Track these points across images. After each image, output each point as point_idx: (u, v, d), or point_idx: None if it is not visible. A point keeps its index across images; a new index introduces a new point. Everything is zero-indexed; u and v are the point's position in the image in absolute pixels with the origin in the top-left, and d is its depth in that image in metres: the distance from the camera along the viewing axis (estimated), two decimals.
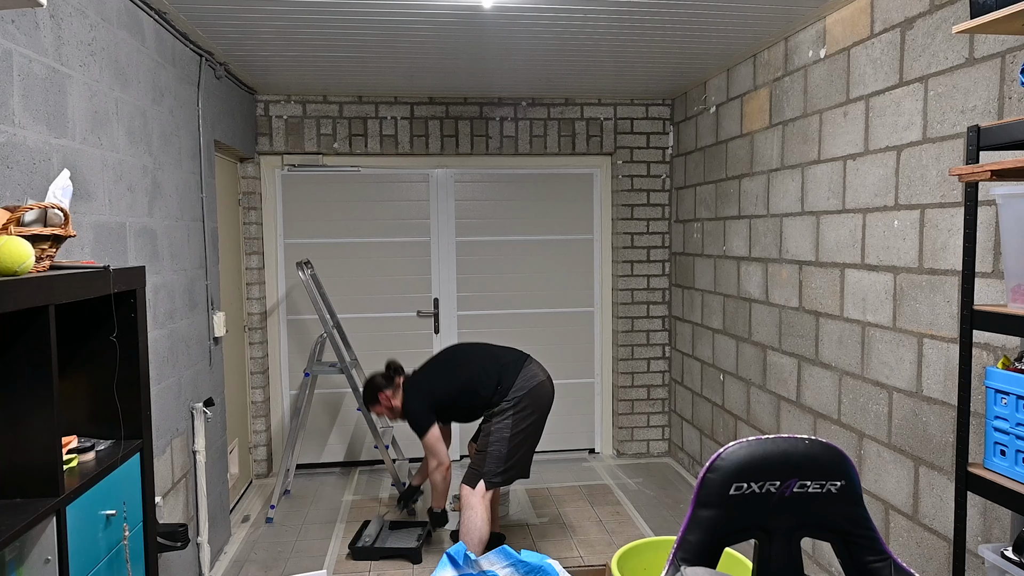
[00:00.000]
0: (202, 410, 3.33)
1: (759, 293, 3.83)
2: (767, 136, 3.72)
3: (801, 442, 1.57)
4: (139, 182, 2.78)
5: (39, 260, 1.60)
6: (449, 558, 1.80)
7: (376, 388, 3.69)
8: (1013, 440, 1.80)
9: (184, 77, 3.34)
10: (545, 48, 3.73)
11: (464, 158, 5.10)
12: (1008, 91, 2.20)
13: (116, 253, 2.55)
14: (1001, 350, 2.25)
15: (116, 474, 1.84)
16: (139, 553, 1.98)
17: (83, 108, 2.32)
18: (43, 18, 2.09)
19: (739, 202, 4.05)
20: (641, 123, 5.15)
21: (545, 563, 1.80)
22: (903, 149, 2.69)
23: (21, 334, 1.52)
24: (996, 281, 2.25)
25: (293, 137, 4.83)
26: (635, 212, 5.15)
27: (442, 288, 5.14)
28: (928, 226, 2.56)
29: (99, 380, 1.92)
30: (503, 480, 3.34)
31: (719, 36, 3.56)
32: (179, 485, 3.15)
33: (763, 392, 3.79)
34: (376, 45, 3.63)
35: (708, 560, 1.54)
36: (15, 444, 1.55)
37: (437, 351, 3.81)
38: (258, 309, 4.84)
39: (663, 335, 5.25)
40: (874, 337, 2.87)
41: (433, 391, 3.50)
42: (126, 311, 1.92)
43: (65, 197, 1.75)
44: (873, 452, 2.89)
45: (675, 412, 5.16)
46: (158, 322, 2.92)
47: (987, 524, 2.31)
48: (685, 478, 4.85)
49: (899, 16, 2.70)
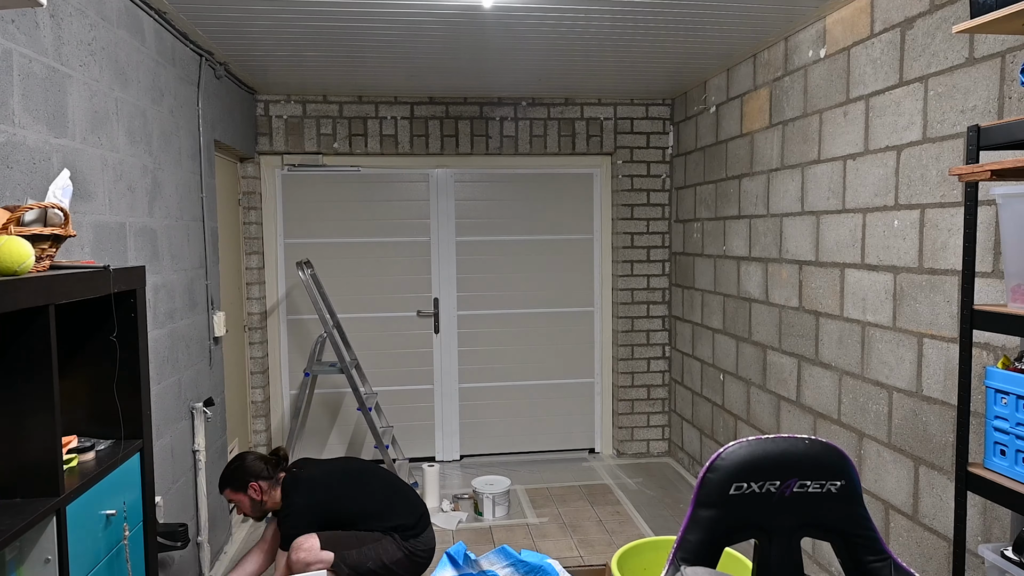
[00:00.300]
0: (202, 410, 3.33)
1: (759, 293, 3.83)
2: (767, 136, 3.72)
3: (801, 442, 1.57)
4: (139, 182, 2.78)
5: (39, 260, 1.60)
6: (449, 558, 1.80)
7: (251, 475, 3.03)
8: (1013, 440, 1.80)
9: (184, 77, 3.34)
10: (545, 48, 3.73)
11: (464, 158, 5.10)
12: (1008, 91, 2.20)
13: (116, 253, 2.55)
14: (1001, 350, 2.25)
15: (116, 474, 1.84)
16: (139, 553, 1.98)
17: (83, 108, 2.32)
18: (43, 18, 2.09)
19: (739, 202, 4.05)
20: (641, 123, 5.15)
21: (545, 563, 1.80)
22: (903, 149, 2.69)
23: (21, 334, 1.52)
24: (996, 281, 2.25)
25: (293, 137, 4.83)
26: (635, 212, 5.15)
27: (442, 288, 5.14)
28: (928, 226, 2.56)
29: (99, 380, 1.92)
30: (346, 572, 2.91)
31: (719, 36, 3.56)
32: (179, 485, 3.15)
33: (763, 392, 3.79)
34: (376, 45, 3.63)
35: (708, 560, 1.54)
36: (15, 444, 1.55)
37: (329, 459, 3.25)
38: (258, 309, 4.84)
39: (663, 335, 5.25)
40: (874, 337, 2.87)
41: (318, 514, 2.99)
42: (126, 311, 1.92)
43: (65, 197, 1.75)
44: (873, 452, 2.89)
45: (675, 412, 5.16)
46: (158, 322, 2.92)
47: (987, 524, 2.31)
48: (685, 478, 4.85)
49: (899, 16, 2.70)
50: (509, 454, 5.22)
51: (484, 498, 4.17)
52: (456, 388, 5.17)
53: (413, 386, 5.15)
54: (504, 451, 5.22)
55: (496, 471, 4.86)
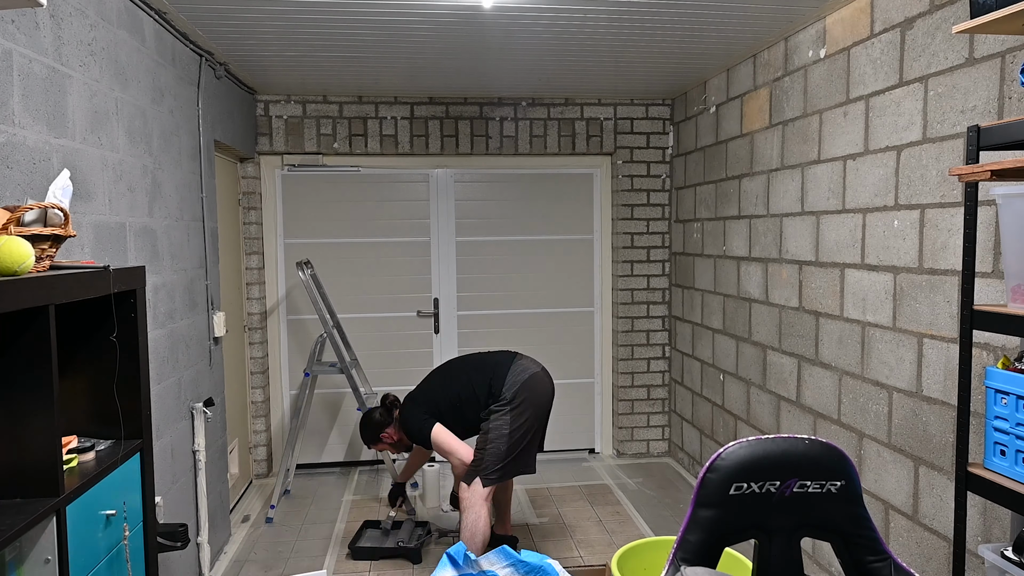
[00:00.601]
0: (202, 410, 3.33)
1: (759, 293, 3.83)
2: (767, 136, 3.72)
3: (801, 442, 1.57)
4: (139, 182, 2.78)
5: (39, 260, 1.60)
6: (449, 558, 1.80)
7: (377, 426, 3.64)
8: (1013, 440, 1.80)
9: (184, 77, 3.34)
10: (545, 48, 3.73)
11: (464, 158, 5.10)
12: (1008, 91, 2.20)
13: (116, 253, 2.55)
14: (1001, 350, 2.25)
15: (116, 474, 1.84)
16: (139, 553, 1.98)
17: (83, 108, 2.32)
18: (43, 18, 2.09)
19: (739, 202, 4.05)
20: (641, 123, 5.15)
21: (545, 563, 1.80)
22: (903, 149, 2.69)
23: (21, 334, 1.52)
24: (996, 281, 2.25)
25: (293, 137, 4.83)
26: (635, 212, 5.15)
27: (442, 288, 5.14)
28: (928, 226, 2.56)
29: (99, 380, 1.92)
30: (500, 476, 3.25)
31: (719, 36, 3.56)
32: (179, 485, 3.15)
33: (763, 392, 3.79)
34: (376, 45, 3.63)
35: (708, 560, 1.54)
36: (15, 444, 1.55)
37: (429, 371, 3.77)
38: (258, 309, 4.84)
39: (663, 335, 5.25)
40: (874, 337, 2.87)
41: (429, 404, 3.44)
42: (126, 311, 1.92)
43: (65, 197, 1.75)
44: (873, 452, 2.89)
45: (675, 412, 5.16)
46: (158, 322, 2.92)
47: (987, 524, 2.31)
48: (685, 478, 4.85)
49: (899, 16, 2.70)
50: None
51: None
52: None
53: (413, 386, 5.14)
54: None
55: None
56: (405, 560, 3.65)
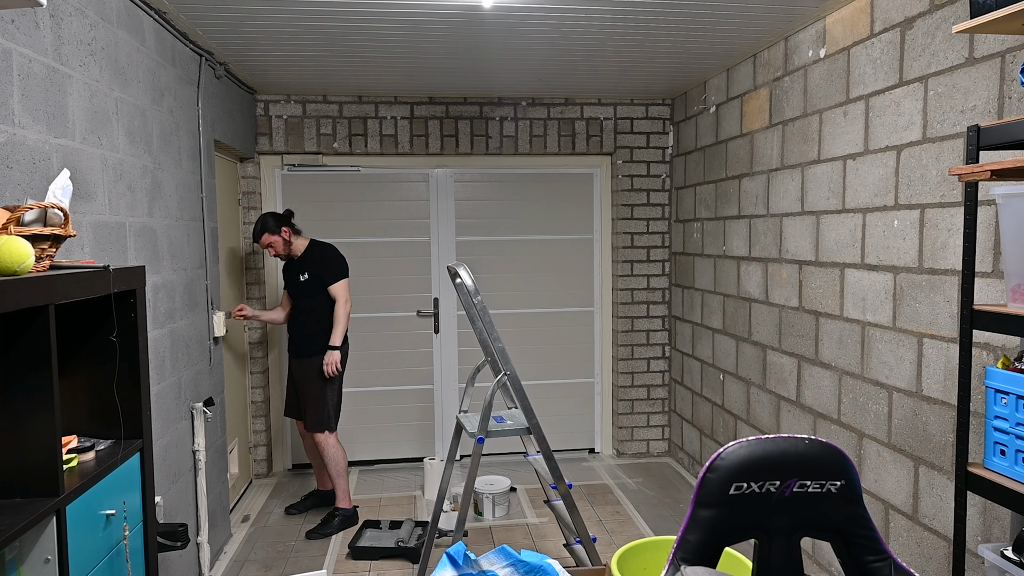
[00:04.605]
0: (202, 410, 3.33)
1: (759, 293, 3.83)
2: (767, 136, 3.72)
3: (801, 442, 1.57)
4: (139, 182, 2.78)
5: (39, 260, 1.60)
6: (449, 558, 1.80)
7: (281, 220, 4.02)
8: (1013, 440, 1.80)
9: (184, 77, 3.34)
10: (545, 48, 3.73)
11: (464, 158, 5.10)
12: (1008, 91, 2.20)
13: (116, 253, 2.55)
14: (1001, 350, 2.25)
15: (116, 474, 1.84)
16: (139, 553, 1.98)
17: (83, 108, 2.32)
18: (43, 18, 2.09)
19: (739, 202, 4.05)
20: (641, 123, 5.15)
21: (545, 563, 1.80)
22: (903, 149, 2.69)
23: (21, 334, 1.52)
24: (996, 281, 2.25)
25: (293, 137, 4.83)
26: (635, 212, 5.15)
27: (442, 288, 5.14)
28: (928, 226, 2.56)
29: (99, 380, 1.92)
30: None
31: (719, 36, 3.56)
32: (179, 485, 3.15)
33: (763, 392, 3.79)
34: (376, 45, 3.63)
35: (708, 560, 1.54)
36: (15, 444, 1.55)
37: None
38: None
39: (663, 335, 5.25)
40: (874, 337, 2.87)
41: None
42: (126, 311, 1.92)
43: (65, 197, 1.75)
44: (873, 452, 2.89)
45: (675, 412, 5.16)
46: (158, 322, 2.92)
47: (987, 524, 2.31)
48: (685, 478, 4.85)
49: (899, 16, 2.70)
50: (509, 454, 5.22)
51: (484, 498, 4.17)
52: (456, 388, 5.17)
53: (413, 386, 5.15)
54: (504, 451, 5.22)
55: (496, 471, 4.86)
56: (405, 560, 3.65)
